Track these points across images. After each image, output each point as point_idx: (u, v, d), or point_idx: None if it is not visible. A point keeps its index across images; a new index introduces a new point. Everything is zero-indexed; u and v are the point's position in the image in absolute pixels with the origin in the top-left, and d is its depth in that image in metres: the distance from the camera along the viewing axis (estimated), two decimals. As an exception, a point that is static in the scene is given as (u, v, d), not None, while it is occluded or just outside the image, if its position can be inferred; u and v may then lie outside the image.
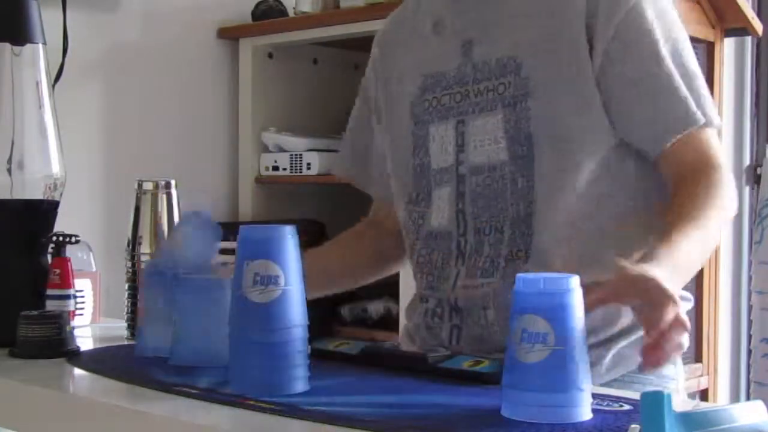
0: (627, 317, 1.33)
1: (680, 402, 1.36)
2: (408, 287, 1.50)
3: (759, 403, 0.90)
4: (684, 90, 1.33)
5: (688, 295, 1.44)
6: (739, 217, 3.53)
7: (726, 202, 1.31)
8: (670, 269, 1.14)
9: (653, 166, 1.36)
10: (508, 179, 1.34)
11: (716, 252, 3.11)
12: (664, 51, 1.33)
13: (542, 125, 1.32)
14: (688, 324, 1.09)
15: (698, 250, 1.25)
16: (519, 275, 1.00)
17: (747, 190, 3.55)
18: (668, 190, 1.35)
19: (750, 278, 1.06)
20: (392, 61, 1.52)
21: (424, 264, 1.42)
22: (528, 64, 1.34)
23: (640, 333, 1.34)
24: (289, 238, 1.10)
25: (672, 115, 1.32)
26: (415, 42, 1.49)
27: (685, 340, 1.09)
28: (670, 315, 1.07)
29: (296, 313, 1.09)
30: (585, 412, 0.98)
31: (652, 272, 1.09)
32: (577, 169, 1.32)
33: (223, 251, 1.29)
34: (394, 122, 1.49)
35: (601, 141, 1.33)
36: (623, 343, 1.34)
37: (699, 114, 1.32)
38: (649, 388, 1.33)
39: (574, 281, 0.99)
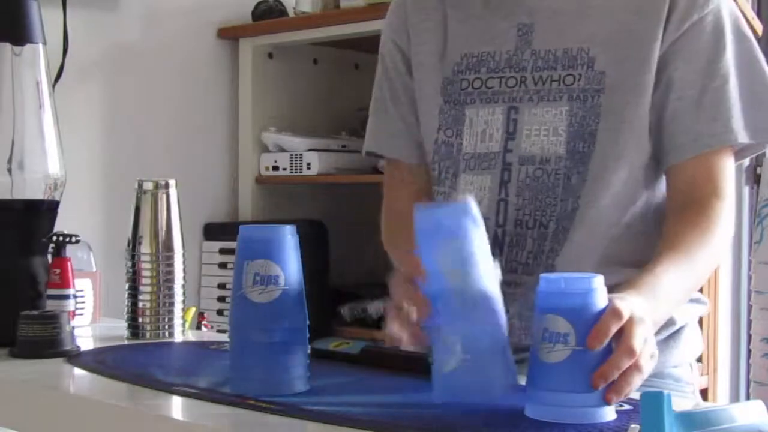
0: None
1: (683, 402, 1.35)
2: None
3: (759, 403, 0.90)
4: (731, 106, 1.28)
5: (704, 298, 1.42)
6: (739, 217, 3.53)
7: (718, 244, 1.28)
8: (649, 298, 1.10)
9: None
10: (562, 174, 1.30)
11: (716, 252, 3.11)
12: (730, 61, 1.29)
13: (609, 123, 1.29)
14: (645, 367, 0.99)
15: (682, 286, 1.23)
16: (542, 275, 0.99)
17: (747, 190, 3.55)
18: (667, 202, 1.33)
19: (750, 278, 1.05)
20: (423, 29, 1.43)
21: None
22: (603, 59, 1.30)
23: (658, 339, 1.32)
24: (289, 238, 1.10)
25: (707, 128, 1.29)
26: (457, 15, 1.41)
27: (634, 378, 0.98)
28: (611, 328, 0.96)
29: (296, 313, 1.09)
30: (608, 413, 0.97)
31: (626, 301, 1.01)
32: (625, 171, 1.30)
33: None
34: (423, 92, 1.42)
35: (647, 145, 1.31)
36: None
37: (735, 134, 1.28)
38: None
39: (597, 281, 0.98)
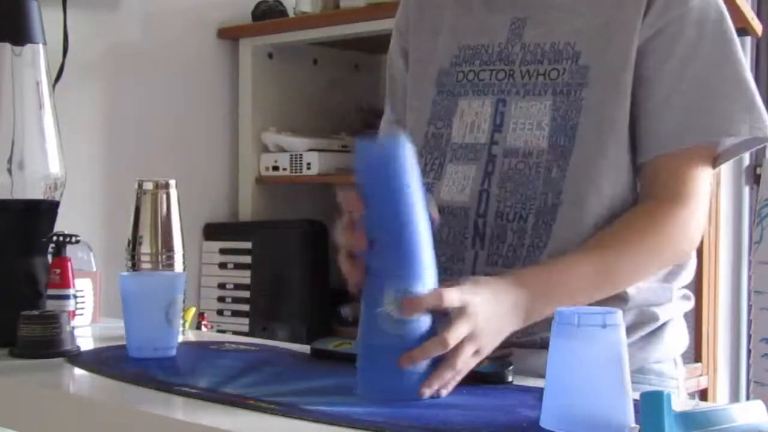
0: (625, 320, 1.32)
1: (680, 402, 1.35)
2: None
3: (759, 403, 0.90)
4: (698, 107, 1.28)
5: (689, 293, 1.43)
6: (738, 217, 3.53)
7: (659, 248, 1.28)
8: (534, 290, 1.16)
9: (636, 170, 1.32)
10: (543, 168, 1.31)
11: (716, 252, 3.11)
12: (705, 62, 1.29)
13: (591, 118, 1.29)
14: (458, 365, 1.08)
15: (588, 283, 1.24)
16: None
17: (746, 190, 3.55)
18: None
19: (750, 278, 1.05)
20: (429, 20, 1.46)
21: (436, 241, 1.41)
22: (587, 53, 1.31)
23: (640, 335, 1.34)
24: None
25: (672, 128, 1.29)
26: (459, 8, 1.44)
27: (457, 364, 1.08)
28: (457, 331, 1.07)
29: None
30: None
31: (473, 292, 1.11)
32: (609, 168, 1.29)
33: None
34: (417, 86, 1.45)
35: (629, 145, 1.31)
36: None
37: (697, 135, 1.28)
38: (648, 389, 1.33)
39: None
